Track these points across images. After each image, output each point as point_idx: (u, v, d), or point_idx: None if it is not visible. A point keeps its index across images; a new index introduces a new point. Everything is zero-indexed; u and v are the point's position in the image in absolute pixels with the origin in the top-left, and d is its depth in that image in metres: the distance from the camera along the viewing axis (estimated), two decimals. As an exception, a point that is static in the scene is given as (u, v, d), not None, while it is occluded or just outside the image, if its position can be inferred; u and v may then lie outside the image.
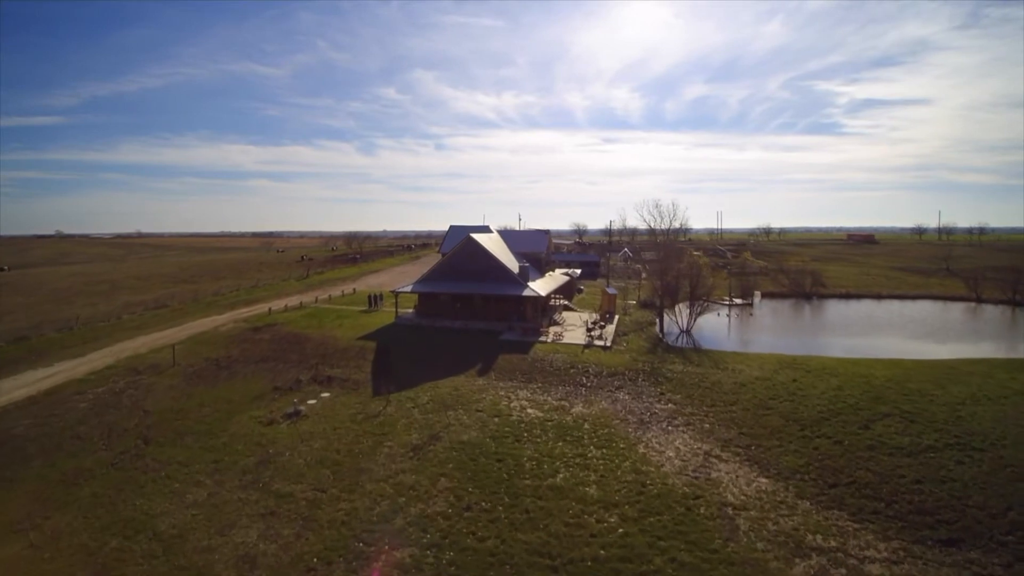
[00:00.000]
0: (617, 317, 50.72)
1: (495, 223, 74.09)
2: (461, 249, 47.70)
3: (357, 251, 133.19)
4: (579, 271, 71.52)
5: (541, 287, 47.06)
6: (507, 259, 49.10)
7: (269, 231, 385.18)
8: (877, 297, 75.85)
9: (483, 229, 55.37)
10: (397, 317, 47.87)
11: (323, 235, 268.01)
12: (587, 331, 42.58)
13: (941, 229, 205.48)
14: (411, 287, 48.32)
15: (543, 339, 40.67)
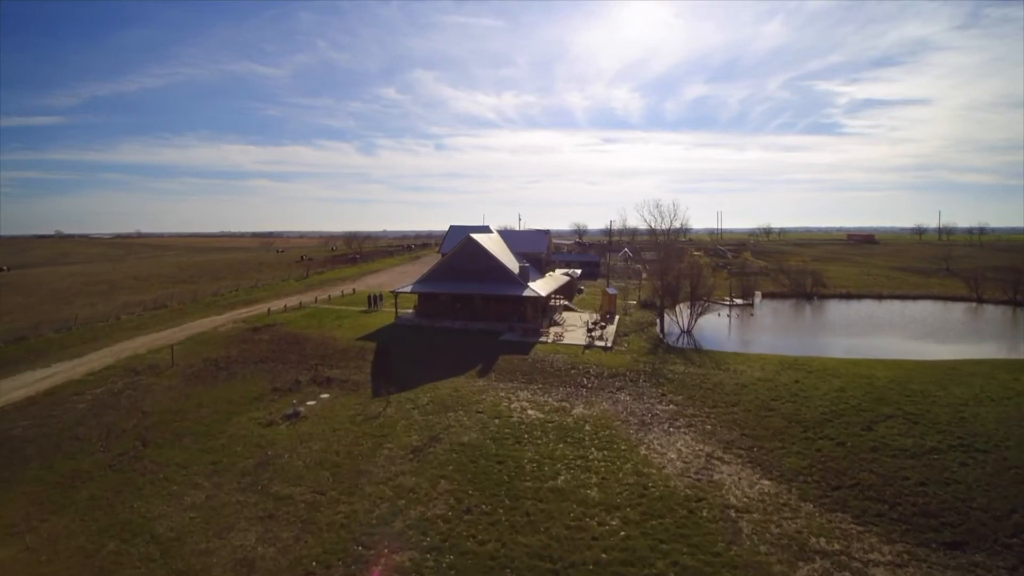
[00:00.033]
0: (618, 317, 50.57)
1: (495, 223, 74.05)
2: (461, 249, 47.55)
3: (357, 251, 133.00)
4: (579, 271, 71.38)
5: (541, 287, 46.92)
6: (507, 259, 48.96)
7: (269, 231, 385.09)
8: (878, 297, 75.72)
9: (483, 229, 55.24)
10: (397, 317, 47.72)
11: (323, 235, 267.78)
12: (588, 332, 42.42)
13: (941, 229, 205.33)
14: (411, 287, 48.18)
15: (543, 339, 40.52)
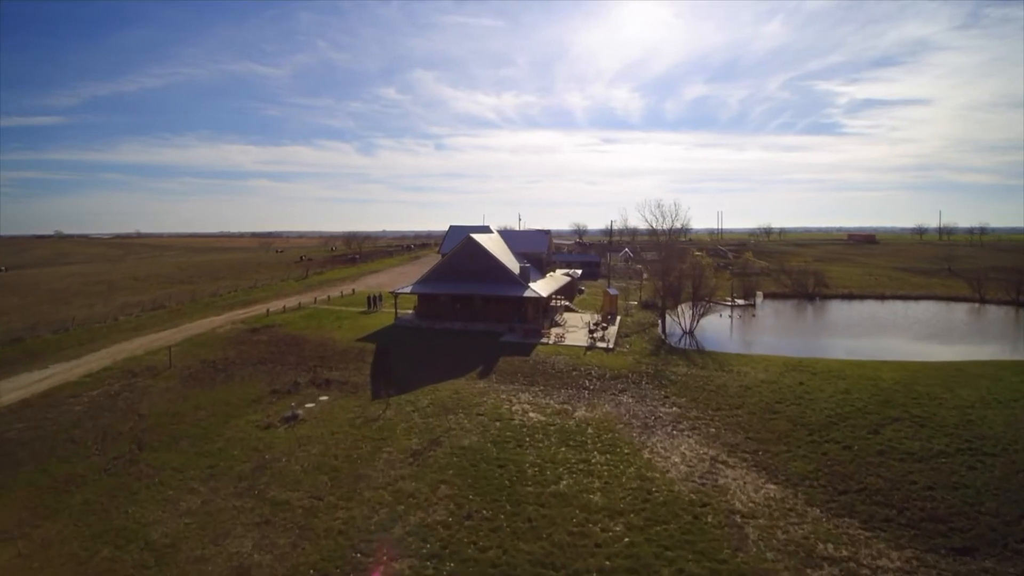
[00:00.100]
0: (619, 318, 50.24)
1: (495, 223, 73.77)
2: (461, 249, 47.21)
3: (356, 251, 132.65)
4: (580, 271, 71.07)
5: (542, 288, 46.58)
6: (507, 259, 48.62)
7: (268, 231, 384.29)
8: (880, 298, 75.43)
9: (483, 229, 54.92)
10: (396, 318, 47.39)
11: (323, 235, 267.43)
12: (589, 333, 42.07)
13: (942, 229, 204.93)
14: (411, 288, 47.84)
15: (544, 341, 40.18)
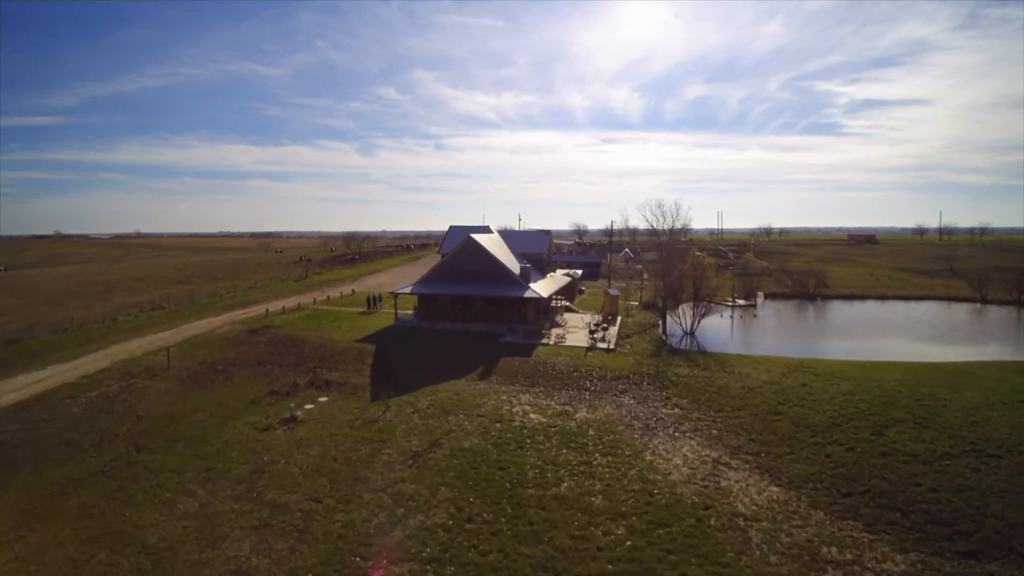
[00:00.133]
0: (619, 318, 50.03)
1: (495, 223, 73.52)
2: (461, 250, 47.00)
3: (356, 251, 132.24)
4: (580, 272, 70.86)
5: (543, 288, 46.37)
6: (508, 260, 48.41)
7: (268, 231, 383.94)
8: (882, 298, 75.21)
9: (483, 229, 54.68)
10: (396, 319, 47.17)
11: (322, 235, 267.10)
12: (590, 333, 41.85)
13: (942, 229, 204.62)
14: (410, 288, 47.62)
15: (545, 341, 39.96)
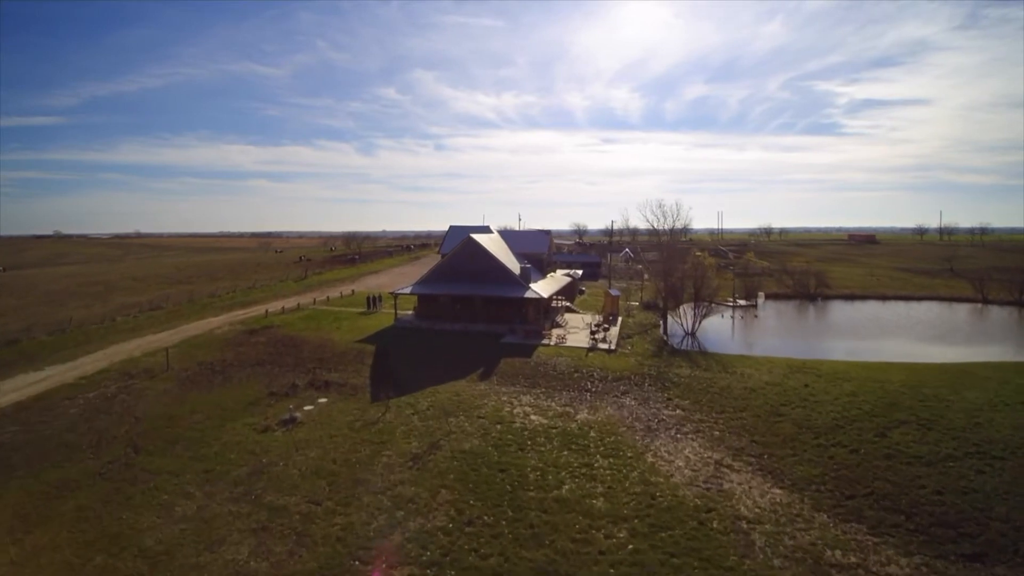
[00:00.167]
0: (620, 319, 49.85)
1: (495, 223, 73.39)
2: (461, 250, 46.83)
3: (356, 251, 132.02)
4: (580, 272, 70.67)
5: (543, 288, 46.19)
6: (508, 260, 48.24)
7: (268, 231, 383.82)
8: (883, 298, 75.00)
9: (483, 229, 54.51)
10: (396, 319, 47.00)
11: (322, 235, 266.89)
12: (591, 334, 41.67)
13: (943, 229, 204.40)
14: (410, 288, 47.45)
15: (545, 342, 39.78)
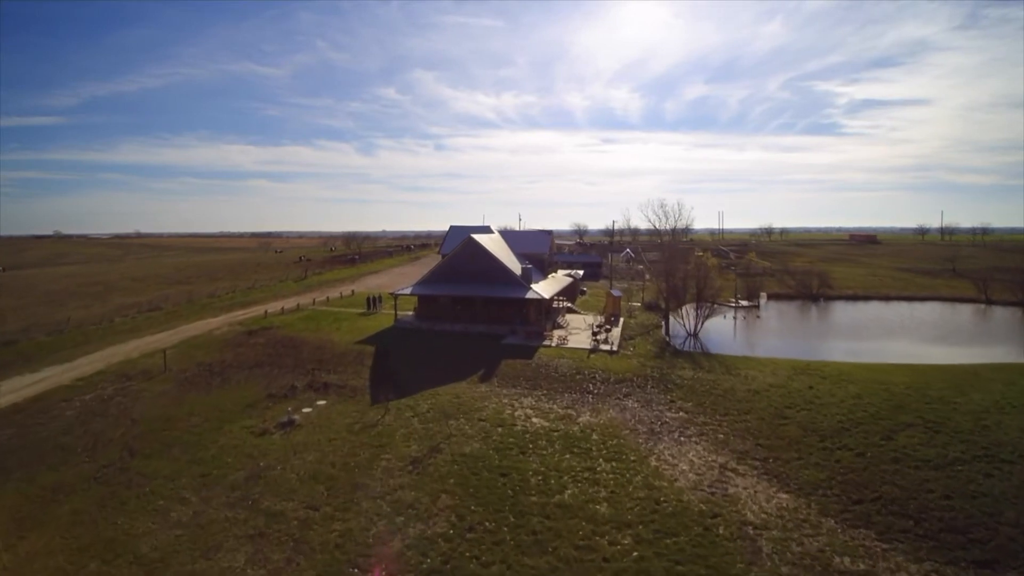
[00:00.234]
0: (622, 320, 49.51)
1: (495, 223, 73.05)
2: (462, 250, 46.49)
3: (356, 252, 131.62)
4: (581, 272, 70.30)
5: (544, 289, 45.82)
6: (509, 260, 47.90)
7: (268, 231, 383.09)
8: (885, 299, 74.60)
9: (484, 229, 54.14)
10: (396, 320, 46.67)
11: (322, 235, 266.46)
12: (592, 335, 41.32)
13: (944, 229, 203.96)
14: (410, 289, 47.11)
15: (547, 343, 39.43)
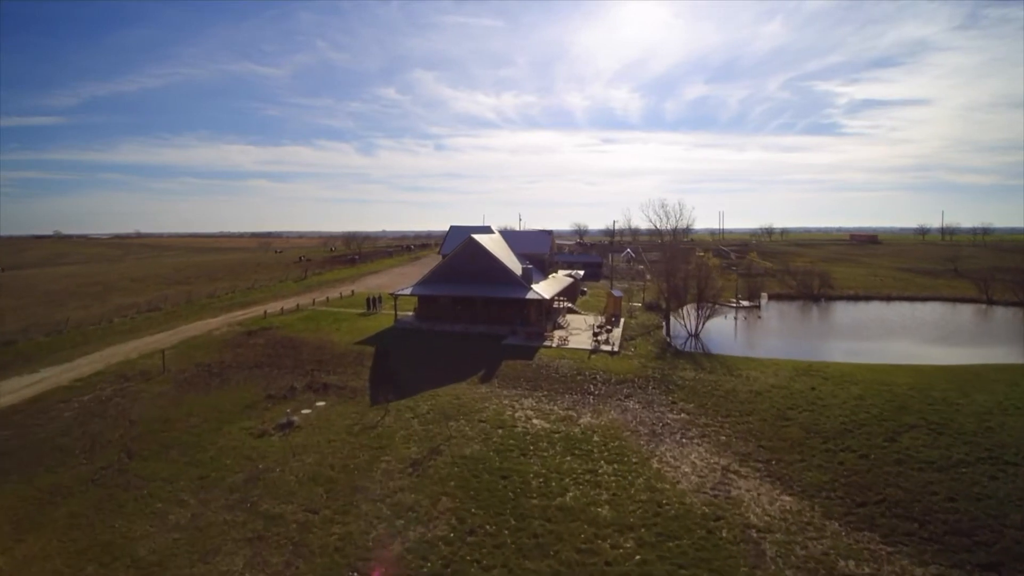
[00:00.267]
0: (623, 320, 49.34)
1: (495, 223, 72.85)
2: (462, 250, 46.32)
3: (356, 252, 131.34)
4: (582, 272, 70.12)
5: (545, 289, 45.64)
6: (509, 260, 47.73)
7: (268, 231, 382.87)
8: (887, 299, 74.38)
9: (484, 229, 53.94)
10: (396, 320, 46.50)
11: (322, 235, 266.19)
12: (593, 335, 41.15)
13: (944, 229, 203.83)
14: (411, 289, 46.94)
15: (547, 343, 39.26)
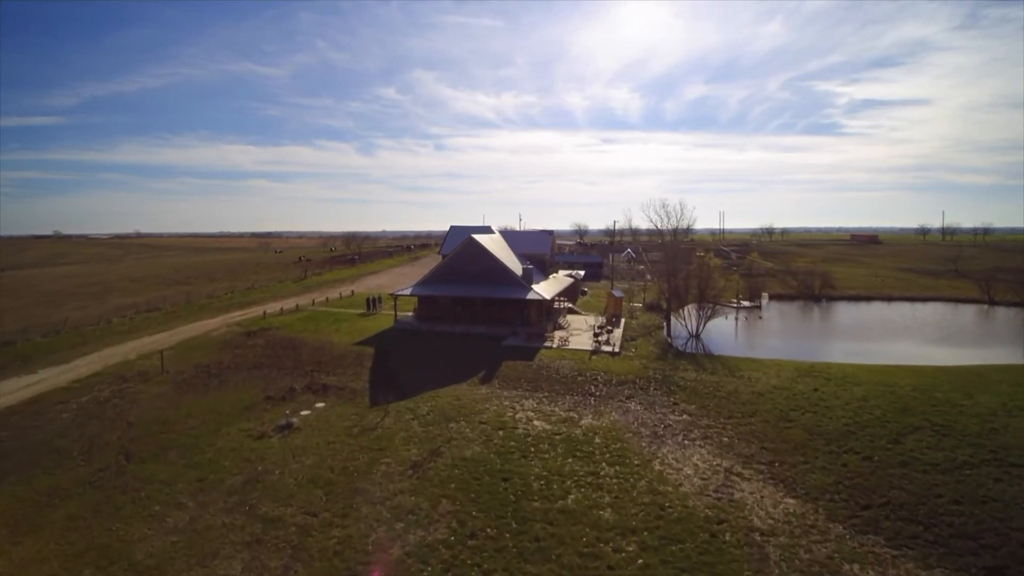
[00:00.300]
0: (624, 320, 49.16)
1: (495, 223, 72.63)
2: (462, 250, 46.14)
3: (356, 252, 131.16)
4: (583, 272, 69.93)
5: (545, 290, 45.46)
6: (510, 261, 47.55)
7: (268, 231, 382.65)
8: (888, 299, 74.19)
9: (484, 229, 53.73)
10: (396, 321, 46.32)
11: (322, 235, 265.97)
12: (594, 336, 40.97)
13: (945, 229, 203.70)
14: (411, 290, 46.76)
15: (548, 344, 39.07)
